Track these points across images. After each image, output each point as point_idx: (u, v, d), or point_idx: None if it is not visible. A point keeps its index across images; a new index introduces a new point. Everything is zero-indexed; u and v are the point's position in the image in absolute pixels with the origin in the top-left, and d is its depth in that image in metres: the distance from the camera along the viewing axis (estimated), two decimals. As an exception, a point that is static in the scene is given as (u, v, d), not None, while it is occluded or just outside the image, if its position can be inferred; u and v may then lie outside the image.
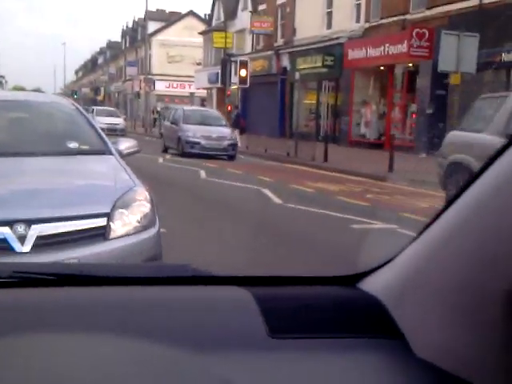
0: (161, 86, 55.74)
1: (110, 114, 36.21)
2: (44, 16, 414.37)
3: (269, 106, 33.45)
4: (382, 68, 24.60)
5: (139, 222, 3.89)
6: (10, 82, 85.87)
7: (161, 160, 19.01)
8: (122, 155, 5.00)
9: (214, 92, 43.14)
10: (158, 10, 65.86)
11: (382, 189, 13.23)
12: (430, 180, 13.84)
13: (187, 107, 26.01)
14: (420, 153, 20.74)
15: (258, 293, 1.20)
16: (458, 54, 14.27)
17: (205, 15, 56.05)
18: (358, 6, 27.10)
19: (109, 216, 3.75)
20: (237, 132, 26.68)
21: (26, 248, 3.42)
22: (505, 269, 0.92)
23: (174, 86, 57.80)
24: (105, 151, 4.89)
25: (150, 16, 54.04)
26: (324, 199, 11.47)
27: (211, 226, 8.30)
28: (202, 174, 15.23)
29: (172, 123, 22.53)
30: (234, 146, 20.79)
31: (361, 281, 1.27)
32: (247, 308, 1.16)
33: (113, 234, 3.74)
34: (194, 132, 20.44)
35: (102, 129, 30.52)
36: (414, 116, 22.63)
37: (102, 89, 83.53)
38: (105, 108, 42.95)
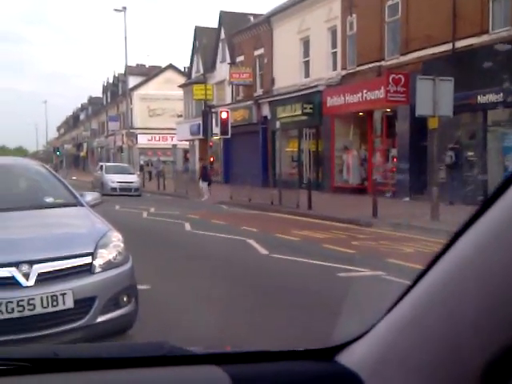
0: (143, 140, 56.07)
1: (123, 171, 31.63)
2: (24, 74, 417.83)
3: (251, 155, 33.63)
4: (361, 114, 24.89)
5: (115, 259, 4.76)
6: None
7: (145, 215, 18.93)
8: (89, 206, 5.94)
9: (197, 143, 43.34)
10: (137, 64, 66.65)
11: (367, 235, 13.23)
12: (413, 224, 13.93)
13: None
14: (403, 197, 20.87)
15: (235, 372, 1.18)
16: (434, 98, 14.48)
17: (184, 68, 56.76)
18: (335, 54, 27.60)
19: (92, 255, 4.61)
20: (205, 184, 26.72)
21: (30, 283, 4.23)
22: (475, 348, 0.92)
23: (157, 138, 58.05)
24: (76, 203, 5.83)
25: (130, 71, 54.60)
26: (310, 248, 11.44)
27: (196, 281, 8.22)
28: (187, 226, 15.17)
29: None
30: None
31: (338, 353, 1.24)
32: None
33: (97, 269, 4.59)
34: None
35: (114, 188, 30.02)
36: (395, 160, 22.82)
37: (85, 144, 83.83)
38: (116, 164, 38.46)
